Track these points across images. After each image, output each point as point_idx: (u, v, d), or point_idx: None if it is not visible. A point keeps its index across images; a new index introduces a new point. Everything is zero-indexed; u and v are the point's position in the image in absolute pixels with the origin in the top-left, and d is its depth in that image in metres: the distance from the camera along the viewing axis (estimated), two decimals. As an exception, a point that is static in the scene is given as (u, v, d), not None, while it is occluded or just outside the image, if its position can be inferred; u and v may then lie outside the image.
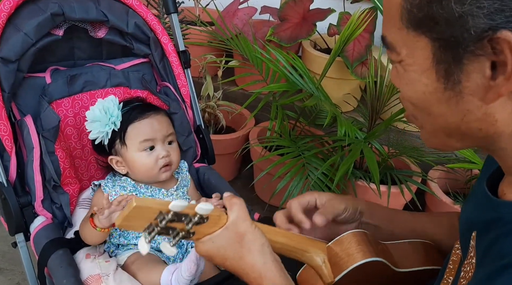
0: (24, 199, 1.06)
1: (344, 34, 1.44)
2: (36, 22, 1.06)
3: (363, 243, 0.75)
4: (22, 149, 1.10)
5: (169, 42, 1.29)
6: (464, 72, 0.47)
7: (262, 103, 1.53)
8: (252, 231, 0.66)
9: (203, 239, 0.65)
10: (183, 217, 0.59)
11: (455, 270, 0.67)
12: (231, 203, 0.66)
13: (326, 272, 0.74)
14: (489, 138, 0.51)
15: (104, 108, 1.06)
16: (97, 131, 1.07)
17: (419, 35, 0.49)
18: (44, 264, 1.00)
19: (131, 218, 0.57)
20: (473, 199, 0.66)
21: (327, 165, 1.38)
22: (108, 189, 1.09)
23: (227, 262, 0.65)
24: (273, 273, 0.65)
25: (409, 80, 0.53)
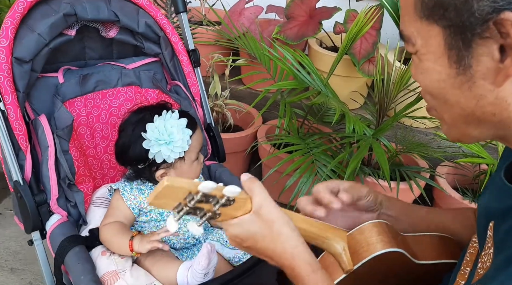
0: (39, 197, 1.07)
1: (351, 32, 1.45)
2: (49, 23, 1.08)
3: (384, 233, 0.76)
4: (36, 148, 1.11)
5: (179, 41, 1.31)
6: (474, 56, 0.49)
7: (271, 101, 1.54)
8: (279, 215, 0.67)
9: (232, 222, 0.65)
10: (211, 198, 0.60)
11: (472, 261, 0.68)
12: (252, 188, 0.66)
13: (345, 260, 0.75)
14: (504, 124, 0.52)
15: (184, 131, 1.06)
16: (173, 153, 1.05)
17: (431, 23, 0.51)
18: (61, 261, 1.02)
19: (162, 196, 0.58)
20: (490, 190, 0.67)
21: (336, 162, 1.39)
22: (126, 193, 1.10)
23: (258, 245, 0.66)
24: (304, 254, 0.67)
25: (424, 69, 0.55)
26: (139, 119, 1.07)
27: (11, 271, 1.74)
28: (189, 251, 1.14)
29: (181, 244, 1.12)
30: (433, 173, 1.64)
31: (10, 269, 1.74)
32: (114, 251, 1.05)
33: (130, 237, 0.99)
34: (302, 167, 1.47)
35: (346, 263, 0.75)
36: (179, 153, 1.06)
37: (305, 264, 0.66)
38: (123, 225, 1.06)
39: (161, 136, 1.03)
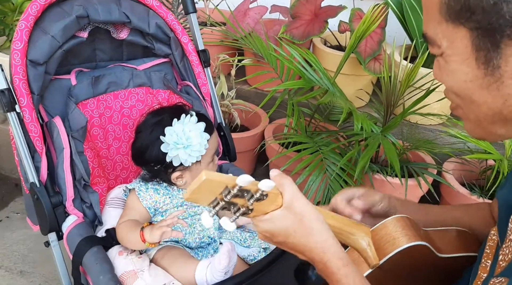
0: (55, 199, 1.08)
1: (359, 30, 1.46)
2: (63, 25, 1.09)
3: (407, 227, 0.77)
4: (51, 150, 1.12)
5: (189, 42, 1.32)
6: (503, 57, 0.50)
7: (279, 101, 1.55)
8: (310, 210, 0.67)
9: (263, 218, 0.66)
10: (246, 192, 0.61)
11: (492, 254, 0.69)
12: (282, 183, 0.67)
13: (371, 255, 0.76)
14: None
15: (202, 136, 1.07)
16: (190, 157, 1.06)
17: (457, 26, 0.52)
18: (79, 261, 1.02)
19: (199, 191, 0.59)
20: (510, 184, 0.69)
21: (345, 160, 1.40)
22: (142, 193, 1.11)
23: (289, 239, 0.67)
24: (335, 248, 0.68)
25: (451, 71, 0.56)
26: (157, 122, 1.08)
27: (20, 273, 1.74)
28: (204, 250, 1.14)
29: (197, 243, 1.13)
30: (440, 169, 1.65)
31: (20, 272, 1.75)
32: (129, 247, 1.05)
33: (140, 228, 0.99)
34: (311, 165, 1.48)
35: (372, 258, 0.76)
36: (196, 157, 1.06)
37: (337, 259, 0.67)
38: (136, 221, 1.07)
39: (180, 140, 1.04)
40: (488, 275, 0.69)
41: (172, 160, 1.06)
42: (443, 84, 0.60)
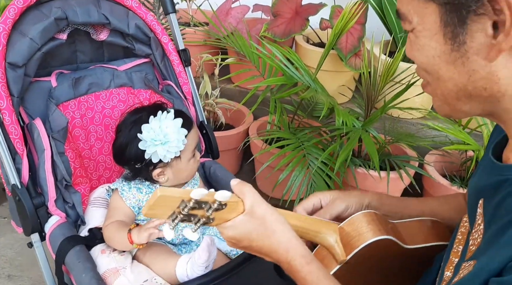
0: (37, 200, 1.09)
1: (337, 27, 1.49)
2: (41, 27, 1.09)
3: (373, 222, 0.79)
4: (32, 151, 1.13)
5: (169, 42, 1.33)
6: (469, 33, 0.52)
7: (261, 98, 1.57)
8: (271, 212, 0.70)
9: (226, 225, 0.68)
10: (203, 204, 0.63)
11: (464, 240, 0.71)
12: (243, 190, 0.69)
13: (339, 251, 0.78)
14: (494, 98, 0.55)
15: (179, 131, 1.07)
16: (168, 153, 1.07)
17: (427, 2, 0.54)
18: (62, 261, 1.03)
19: (156, 207, 0.61)
20: (479, 170, 0.70)
21: (327, 154, 1.42)
22: (125, 192, 1.12)
23: (254, 243, 0.69)
24: (297, 247, 0.70)
25: (420, 46, 0.57)
26: (136, 120, 1.09)
27: (8, 278, 1.74)
28: (188, 246, 1.16)
29: (180, 239, 1.14)
30: (422, 161, 1.68)
31: (7, 276, 1.75)
32: (118, 248, 1.07)
33: (128, 230, 1.00)
34: (294, 161, 1.50)
35: (340, 254, 0.77)
36: (174, 153, 1.08)
37: (300, 257, 0.69)
38: (123, 222, 1.08)
39: (157, 137, 1.05)
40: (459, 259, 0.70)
41: (151, 157, 1.07)
42: (414, 60, 0.62)
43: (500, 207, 0.59)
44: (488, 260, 0.56)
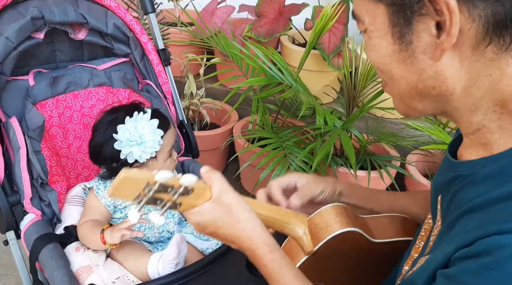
0: (13, 198, 1.09)
1: (317, 27, 1.50)
2: (17, 26, 1.10)
3: (341, 215, 0.80)
4: (8, 150, 1.13)
5: (148, 41, 1.34)
6: (414, 33, 0.53)
7: (242, 97, 1.58)
8: (238, 201, 0.70)
9: (193, 211, 0.69)
10: (169, 188, 0.63)
11: (426, 236, 0.72)
12: (211, 178, 0.70)
13: (306, 242, 0.79)
14: (443, 97, 0.56)
15: (155, 132, 1.08)
16: (144, 154, 1.08)
17: (376, 3, 0.55)
18: (35, 258, 1.04)
19: (121, 188, 0.61)
20: (440, 167, 0.72)
21: (306, 152, 1.43)
22: (100, 191, 1.13)
23: (219, 230, 0.70)
24: (261, 235, 0.70)
25: (373, 46, 0.59)
26: (112, 120, 1.10)
27: (-7, 276, 1.74)
28: (164, 244, 1.16)
29: (156, 237, 1.15)
30: (404, 161, 1.69)
31: (-8, 275, 1.75)
32: (91, 247, 1.07)
33: (101, 230, 1.01)
34: (274, 160, 1.51)
35: (307, 245, 0.78)
36: (150, 153, 1.09)
37: (263, 245, 0.70)
38: (97, 221, 1.09)
39: (132, 138, 1.06)
40: (418, 255, 0.71)
41: (126, 157, 1.08)
42: (370, 60, 0.63)
43: (452, 202, 0.60)
44: (437, 253, 0.57)
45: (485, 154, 0.57)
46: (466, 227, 0.52)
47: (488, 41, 0.50)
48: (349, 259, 0.85)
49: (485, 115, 0.55)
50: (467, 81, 0.53)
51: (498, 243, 0.46)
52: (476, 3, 0.48)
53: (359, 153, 1.69)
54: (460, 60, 0.52)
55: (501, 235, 0.46)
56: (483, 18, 0.48)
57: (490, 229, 0.48)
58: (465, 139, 0.61)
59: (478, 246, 0.48)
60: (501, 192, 0.50)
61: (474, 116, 0.56)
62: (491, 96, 0.53)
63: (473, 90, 0.53)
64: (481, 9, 0.48)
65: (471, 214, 0.53)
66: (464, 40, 0.50)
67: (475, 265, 0.48)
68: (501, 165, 0.53)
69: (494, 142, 0.55)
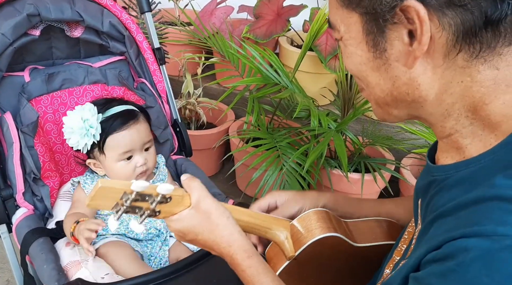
0: (5, 192, 1.11)
1: (313, 29, 1.50)
2: (13, 23, 1.12)
3: (322, 220, 0.81)
4: (2, 144, 1.15)
5: (144, 40, 1.35)
6: (388, 41, 0.54)
7: (238, 97, 1.59)
8: (216, 207, 0.71)
9: (172, 218, 0.70)
10: (147, 196, 0.64)
11: (409, 239, 0.72)
12: (190, 185, 0.71)
13: (288, 247, 0.79)
14: (417, 103, 0.57)
15: (83, 118, 1.08)
16: (76, 142, 1.10)
17: (350, 11, 0.56)
18: (26, 252, 1.05)
19: (98, 198, 0.62)
20: (421, 172, 0.72)
21: (299, 153, 1.44)
22: (87, 186, 1.14)
23: (199, 237, 0.71)
24: (240, 241, 0.71)
25: (349, 54, 0.60)
26: None
27: (-11, 269, 1.76)
28: (154, 242, 1.17)
29: (144, 234, 1.16)
30: (398, 164, 1.69)
31: (-11, 268, 1.77)
32: (68, 238, 1.08)
33: (76, 221, 1.02)
34: (268, 161, 1.52)
35: (289, 250, 0.79)
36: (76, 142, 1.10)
37: (241, 251, 0.70)
38: (80, 214, 1.09)
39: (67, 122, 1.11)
40: (400, 258, 0.72)
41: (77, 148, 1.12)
42: (346, 67, 0.64)
43: (429, 206, 0.61)
44: (411, 256, 0.58)
45: (458, 158, 0.58)
46: (438, 231, 0.53)
47: (459, 49, 0.50)
48: (331, 263, 0.86)
49: (457, 120, 0.55)
50: (439, 88, 0.54)
51: (463, 246, 0.47)
52: (445, 11, 0.49)
53: (354, 155, 1.69)
54: (432, 67, 0.53)
55: (466, 239, 0.47)
56: (453, 26, 0.49)
57: (457, 232, 0.48)
58: (440, 142, 0.62)
59: (445, 249, 0.49)
60: (470, 196, 0.51)
61: (447, 121, 0.56)
62: (463, 103, 0.54)
63: (446, 97, 0.54)
64: (450, 18, 0.49)
65: (443, 218, 0.54)
66: (435, 48, 0.51)
67: (441, 267, 0.48)
68: (471, 170, 0.54)
69: (465, 147, 0.56)
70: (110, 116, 1.12)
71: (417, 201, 0.68)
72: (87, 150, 1.12)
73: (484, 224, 0.47)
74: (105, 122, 1.10)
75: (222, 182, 2.05)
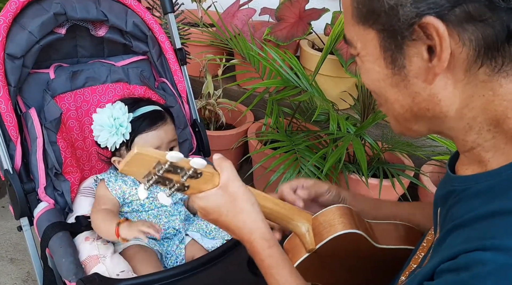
0: (28, 186, 1.14)
1: (334, 32, 1.50)
2: (40, 21, 1.15)
3: (345, 216, 0.80)
4: (27, 139, 1.18)
5: (166, 40, 1.37)
6: (406, 57, 0.53)
7: (257, 99, 1.59)
8: (243, 191, 0.71)
9: (199, 195, 0.70)
10: (179, 169, 0.64)
11: (427, 247, 0.72)
12: (222, 165, 0.71)
13: (308, 240, 0.79)
14: (438, 119, 0.56)
15: (113, 116, 1.11)
16: (105, 139, 1.12)
17: (367, 28, 0.55)
18: (46, 245, 1.08)
19: (132, 164, 0.62)
20: (441, 181, 0.72)
21: (317, 157, 1.44)
22: (111, 183, 1.16)
23: (221, 218, 0.71)
24: (262, 229, 0.71)
25: (366, 70, 0.59)
26: None
27: (10, 261, 1.80)
28: (170, 241, 1.19)
29: (161, 234, 1.17)
30: (418, 171, 1.67)
31: (10, 259, 1.81)
32: (102, 236, 1.10)
33: (117, 223, 1.03)
34: (286, 163, 1.52)
35: (309, 242, 0.78)
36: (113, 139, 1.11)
37: (262, 240, 0.71)
38: (111, 211, 1.12)
39: (99, 122, 1.13)
40: (417, 266, 0.71)
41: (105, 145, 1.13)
42: (364, 83, 0.64)
43: (447, 216, 0.60)
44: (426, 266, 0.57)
45: (479, 171, 0.57)
46: (454, 241, 0.52)
47: (480, 64, 0.50)
48: (350, 261, 0.85)
49: (479, 134, 0.55)
50: (460, 103, 0.53)
51: (479, 259, 0.46)
52: (465, 27, 0.48)
53: (373, 160, 1.68)
54: (453, 82, 0.52)
55: (483, 252, 0.46)
56: (473, 41, 0.48)
57: (473, 244, 0.48)
58: (461, 155, 0.61)
59: (460, 260, 0.48)
60: (489, 208, 0.50)
61: (468, 135, 0.56)
62: (485, 116, 0.53)
63: (467, 111, 0.54)
64: (471, 33, 0.48)
65: (460, 228, 0.53)
66: (456, 63, 0.50)
67: (455, 278, 0.48)
68: (492, 182, 0.53)
69: (488, 160, 0.55)
70: (139, 116, 1.14)
71: (436, 210, 0.67)
72: (115, 148, 1.14)
73: (502, 238, 0.46)
74: (134, 122, 1.13)
75: (239, 183, 2.05)
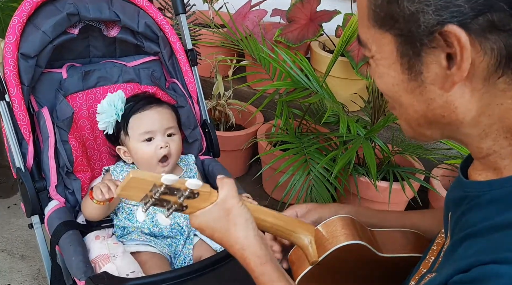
0: (39, 184, 1.15)
1: (345, 35, 1.49)
2: (53, 21, 1.16)
3: (347, 227, 0.80)
4: (39, 138, 1.20)
5: (177, 41, 1.37)
6: (424, 64, 0.52)
7: (267, 100, 1.59)
8: (238, 207, 0.71)
9: (196, 213, 0.70)
10: (175, 190, 0.65)
11: (437, 251, 0.71)
12: (222, 182, 0.72)
13: (311, 252, 0.78)
14: (453, 125, 0.55)
15: (110, 101, 1.16)
16: (103, 122, 1.17)
17: (384, 32, 0.54)
18: (56, 242, 1.09)
19: (128, 188, 0.63)
20: (452, 184, 0.71)
21: (327, 159, 1.43)
22: (116, 173, 1.18)
23: (215, 234, 0.71)
24: (254, 246, 0.70)
25: (380, 74, 0.58)
26: None
27: (21, 257, 1.82)
28: (177, 240, 1.19)
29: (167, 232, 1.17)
30: (428, 174, 1.65)
31: (21, 256, 1.83)
32: (86, 214, 1.15)
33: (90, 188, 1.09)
34: (295, 165, 1.51)
35: (312, 255, 0.78)
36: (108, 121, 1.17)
37: (255, 257, 0.70)
38: None
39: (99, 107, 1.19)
40: (427, 270, 0.70)
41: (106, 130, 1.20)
42: (377, 86, 0.63)
43: (459, 222, 0.59)
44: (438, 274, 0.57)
45: (493, 177, 0.56)
46: (467, 252, 0.52)
47: (501, 73, 0.49)
48: (353, 271, 0.85)
49: (496, 141, 0.54)
50: (477, 110, 0.52)
51: (494, 273, 0.45)
52: (488, 36, 0.47)
53: (383, 163, 1.67)
54: (470, 90, 0.51)
55: (498, 265, 0.46)
56: (495, 50, 0.47)
57: (488, 257, 0.47)
58: (476, 162, 0.60)
59: (474, 273, 0.47)
60: (504, 219, 0.49)
61: (484, 142, 0.55)
62: (502, 124, 0.52)
63: (483, 119, 0.53)
64: (493, 42, 0.47)
65: (474, 238, 0.52)
66: (475, 72, 0.49)
67: None
68: (506, 190, 0.52)
69: (503, 167, 0.55)
70: (135, 97, 1.21)
71: (447, 214, 0.66)
72: (113, 130, 1.19)
73: None
74: (130, 105, 1.19)
75: (249, 185, 2.06)
